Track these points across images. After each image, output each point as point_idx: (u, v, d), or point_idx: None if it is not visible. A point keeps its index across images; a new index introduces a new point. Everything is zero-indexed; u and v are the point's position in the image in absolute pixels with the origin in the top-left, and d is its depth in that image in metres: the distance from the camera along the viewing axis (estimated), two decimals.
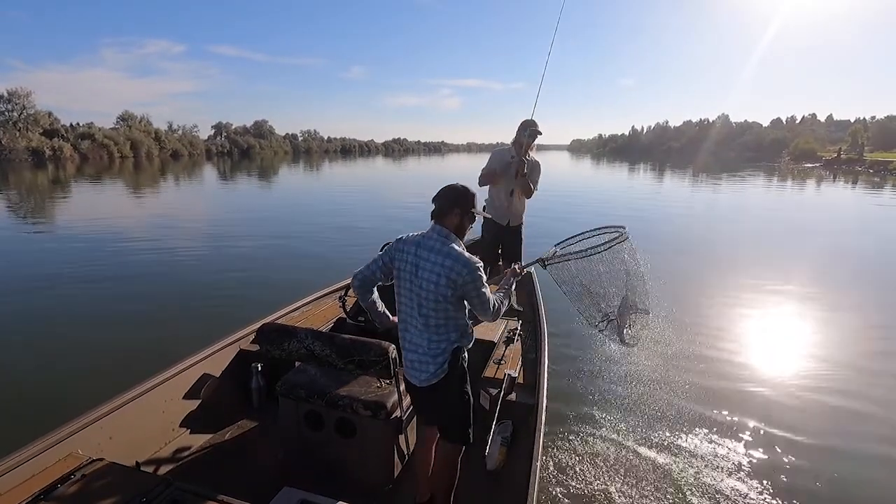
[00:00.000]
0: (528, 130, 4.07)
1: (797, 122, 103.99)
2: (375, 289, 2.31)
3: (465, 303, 2.09)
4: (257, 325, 3.36)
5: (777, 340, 5.65)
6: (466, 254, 2.02)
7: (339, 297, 4.00)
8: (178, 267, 8.10)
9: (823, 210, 18.75)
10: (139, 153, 60.90)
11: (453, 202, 2.07)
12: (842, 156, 52.63)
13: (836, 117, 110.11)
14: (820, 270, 8.77)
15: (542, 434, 2.43)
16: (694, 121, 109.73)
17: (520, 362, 3.31)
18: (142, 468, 2.38)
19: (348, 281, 4.30)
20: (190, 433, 2.87)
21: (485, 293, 2.05)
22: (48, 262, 8.38)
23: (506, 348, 3.42)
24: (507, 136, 4.38)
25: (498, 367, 3.15)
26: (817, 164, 51.58)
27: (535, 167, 4.22)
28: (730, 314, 6.41)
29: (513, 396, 2.91)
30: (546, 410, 2.66)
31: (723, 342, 5.45)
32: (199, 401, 2.97)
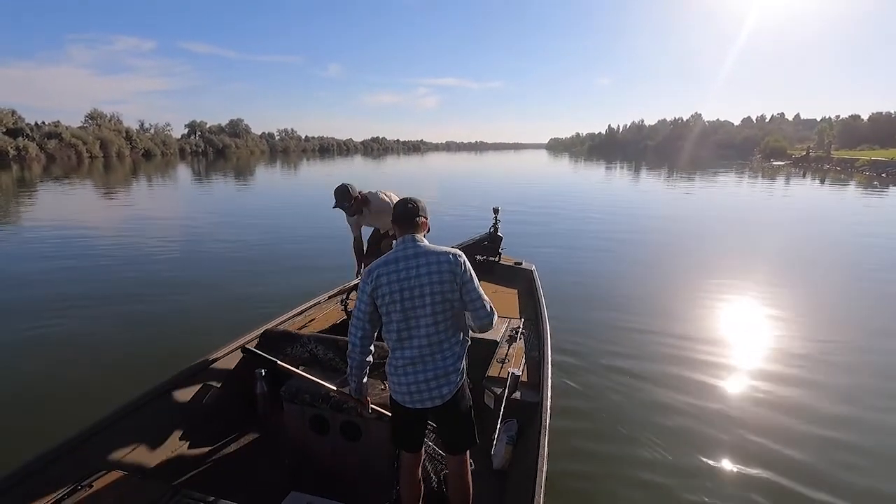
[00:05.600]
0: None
1: (766, 120, 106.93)
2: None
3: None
4: (260, 331, 3.33)
5: (775, 333, 5.66)
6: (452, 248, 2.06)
7: (341, 301, 3.99)
8: (175, 276, 7.85)
9: (808, 207, 18.83)
10: (109, 153, 59.46)
11: (420, 212, 2.12)
12: (810, 154, 54.40)
13: (803, 116, 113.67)
14: (821, 268, 8.96)
15: (547, 432, 2.43)
16: (668, 120, 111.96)
17: (523, 361, 3.32)
18: (149, 477, 2.34)
19: (350, 284, 4.30)
20: (196, 441, 2.82)
21: (480, 289, 2.04)
22: (42, 272, 8.02)
23: (509, 347, 3.43)
24: (486, 134, 4.34)
25: (502, 366, 3.16)
26: (787, 162, 53.12)
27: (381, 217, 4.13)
28: (731, 309, 6.50)
29: (517, 395, 2.92)
30: (551, 408, 2.67)
31: (726, 335, 5.53)
32: (205, 408, 2.93)
